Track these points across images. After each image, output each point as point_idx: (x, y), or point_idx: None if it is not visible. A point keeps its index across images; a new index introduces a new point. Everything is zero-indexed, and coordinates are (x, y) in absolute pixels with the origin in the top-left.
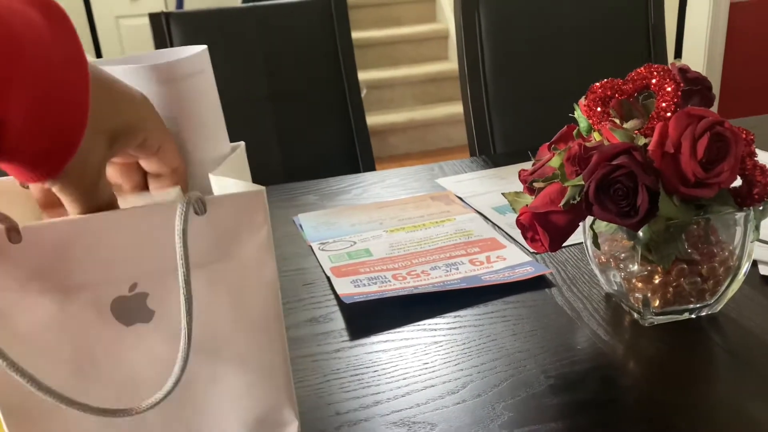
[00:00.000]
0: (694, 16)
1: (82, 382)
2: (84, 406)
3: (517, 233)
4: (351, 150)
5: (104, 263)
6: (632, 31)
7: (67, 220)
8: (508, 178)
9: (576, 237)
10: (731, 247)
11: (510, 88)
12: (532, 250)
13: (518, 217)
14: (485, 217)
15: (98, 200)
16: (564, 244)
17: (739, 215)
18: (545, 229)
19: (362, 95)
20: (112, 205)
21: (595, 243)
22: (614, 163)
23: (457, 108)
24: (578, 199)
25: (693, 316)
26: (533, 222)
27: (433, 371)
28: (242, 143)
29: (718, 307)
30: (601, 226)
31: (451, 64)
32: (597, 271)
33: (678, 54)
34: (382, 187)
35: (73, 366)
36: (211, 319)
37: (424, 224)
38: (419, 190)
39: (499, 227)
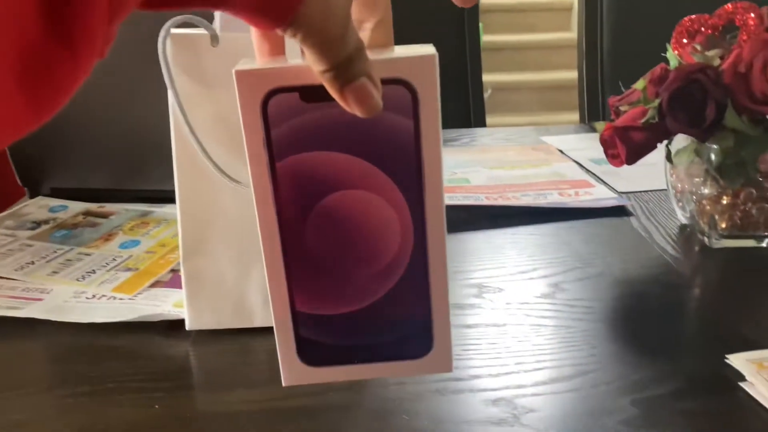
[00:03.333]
0: None
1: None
2: (225, 174)
3: (610, 179)
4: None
5: None
6: None
7: None
8: None
9: (660, 183)
10: None
11: (626, 68)
12: (620, 190)
13: (601, 134)
14: (581, 165)
15: (346, 51)
16: (649, 188)
17: None
18: (623, 142)
19: (486, 96)
20: (360, 51)
21: (669, 158)
22: (688, 78)
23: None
24: (656, 119)
25: (764, 245)
26: (614, 137)
27: (507, 258)
28: None
29: None
30: (681, 158)
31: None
32: (673, 201)
33: None
34: (491, 139)
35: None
36: None
37: (522, 166)
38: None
39: (593, 173)
